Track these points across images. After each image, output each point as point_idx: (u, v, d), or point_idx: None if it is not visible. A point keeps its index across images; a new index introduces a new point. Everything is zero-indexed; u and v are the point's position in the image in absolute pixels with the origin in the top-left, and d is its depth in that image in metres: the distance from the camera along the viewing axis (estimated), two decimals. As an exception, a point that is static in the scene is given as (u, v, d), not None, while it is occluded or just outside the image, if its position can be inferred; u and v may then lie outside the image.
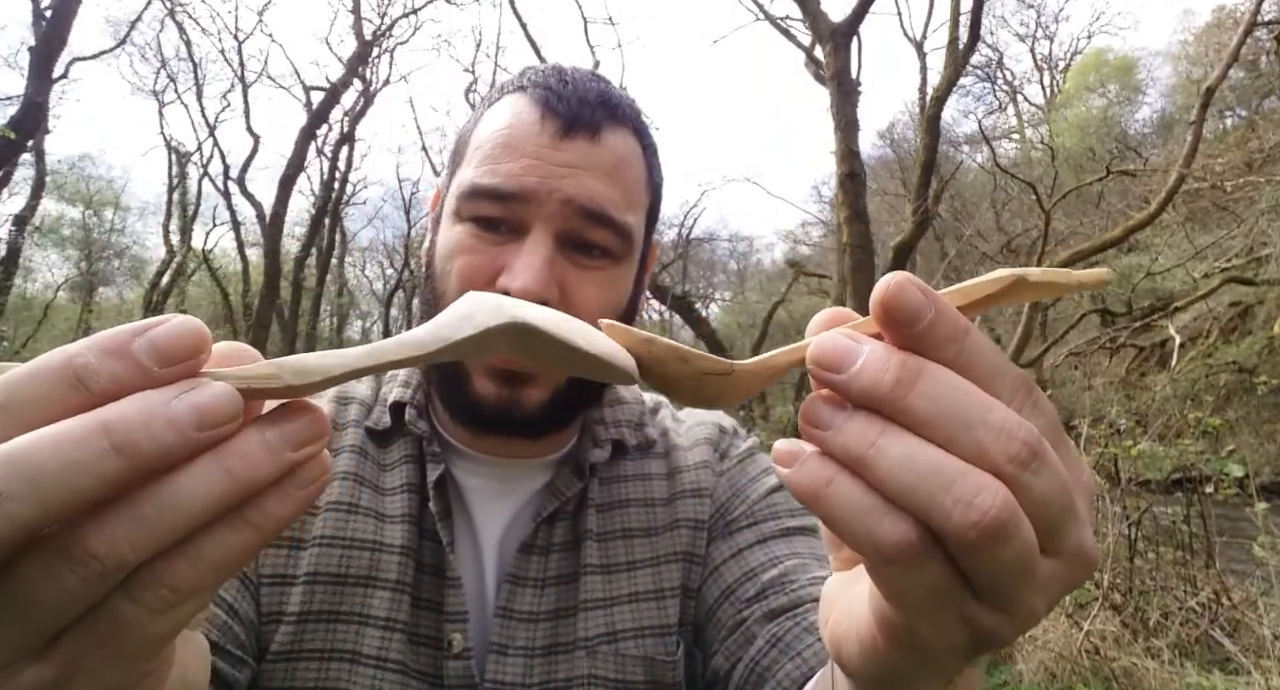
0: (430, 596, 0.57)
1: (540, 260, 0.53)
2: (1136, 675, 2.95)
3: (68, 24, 8.91)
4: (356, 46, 16.79)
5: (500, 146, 0.56)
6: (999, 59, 22.50)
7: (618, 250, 0.57)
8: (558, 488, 0.62)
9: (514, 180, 0.54)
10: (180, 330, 0.21)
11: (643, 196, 0.60)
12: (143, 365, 0.21)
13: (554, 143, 0.55)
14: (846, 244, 8.72)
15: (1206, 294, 13.11)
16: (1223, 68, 10.14)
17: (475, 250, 0.56)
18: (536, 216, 0.54)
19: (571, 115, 0.55)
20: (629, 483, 0.65)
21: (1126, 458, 4.01)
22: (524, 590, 0.58)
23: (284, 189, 14.98)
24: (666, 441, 0.70)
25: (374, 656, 0.54)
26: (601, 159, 0.56)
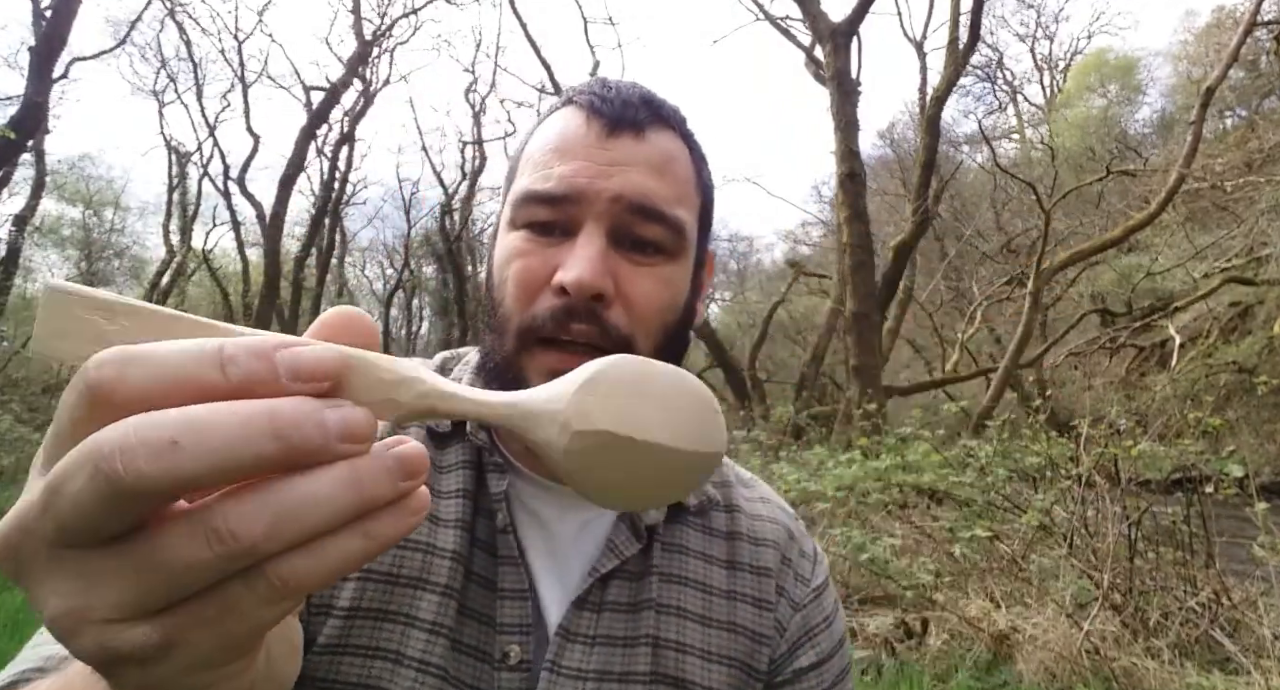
0: (478, 607, 0.57)
1: (594, 251, 0.54)
2: (1136, 675, 2.95)
3: (68, 24, 8.92)
4: (356, 46, 16.79)
5: (551, 152, 0.57)
6: (999, 59, 22.53)
7: (671, 245, 0.57)
8: (615, 545, 0.61)
9: (564, 182, 0.55)
10: (319, 357, 0.24)
11: (693, 196, 0.61)
12: (278, 374, 0.23)
13: (600, 141, 0.56)
14: (846, 244, 8.73)
15: (1206, 294, 13.11)
16: (1223, 68, 10.14)
17: (529, 253, 0.56)
18: (587, 215, 0.55)
19: (616, 114, 0.57)
20: (690, 558, 0.64)
21: (1126, 458, 4.01)
22: (574, 646, 0.58)
23: (284, 189, 14.99)
24: (732, 522, 0.68)
25: (417, 659, 0.54)
26: (648, 155, 0.57)
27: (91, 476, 0.21)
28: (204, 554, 0.21)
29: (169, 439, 0.21)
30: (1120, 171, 13.32)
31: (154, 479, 0.21)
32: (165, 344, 0.23)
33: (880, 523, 4.85)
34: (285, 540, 0.22)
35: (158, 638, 0.22)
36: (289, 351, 0.23)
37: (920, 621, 3.64)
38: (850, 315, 8.31)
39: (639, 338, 0.56)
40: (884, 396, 8.33)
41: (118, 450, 0.21)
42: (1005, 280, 14.82)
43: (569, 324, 0.53)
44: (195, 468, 0.21)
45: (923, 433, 5.40)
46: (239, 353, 0.23)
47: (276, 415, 0.22)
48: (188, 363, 0.22)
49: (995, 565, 4.03)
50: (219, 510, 0.22)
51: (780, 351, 19.50)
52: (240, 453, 0.21)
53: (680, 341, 0.61)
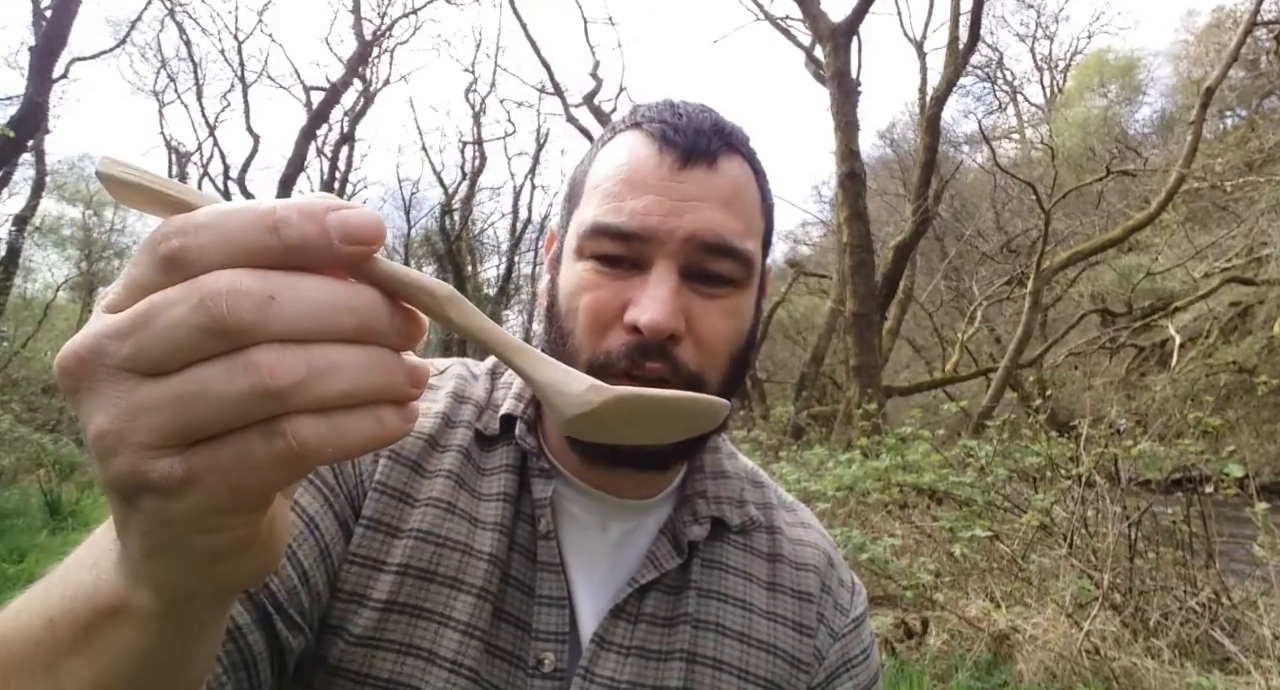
0: (515, 612, 0.58)
1: (667, 292, 0.54)
2: (1136, 675, 2.95)
3: (68, 24, 8.92)
4: (356, 46, 16.79)
5: (621, 183, 0.57)
6: (999, 59, 22.53)
7: (739, 278, 0.58)
8: (656, 557, 0.62)
9: (636, 219, 0.55)
10: (366, 219, 0.25)
11: (759, 222, 0.61)
12: (329, 235, 0.25)
13: (673, 174, 0.56)
14: (846, 244, 8.72)
15: (1206, 294, 13.11)
16: (1223, 68, 10.14)
17: (600, 286, 0.56)
18: (659, 253, 0.55)
19: (689, 146, 0.56)
20: (730, 575, 0.65)
21: (1126, 458, 4.01)
22: (608, 654, 0.58)
23: (284, 189, 14.98)
24: (774, 543, 0.69)
25: (449, 659, 0.54)
26: (720, 188, 0.57)
27: (195, 308, 0.23)
28: (240, 385, 0.23)
29: (269, 294, 0.24)
30: (1120, 171, 13.32)
31: (249, 323, 0.23)
32: (224, 208, 0.25)
33: (880, 523, 4.86)
34: (312, 396, 0.24)
35: (181, 471, 0.24)
36: (337, 214, 0.25)
37: (920, 621, 3.64)
38: (850, 315, 8.31)
39: (708, 372, 0.57)
40: (884, 396, 8.33)
41: (225, 292, 0.23)
42: (1005, 280, 14.82)
43: (643, 362, 0.54)
44: (284, 324, 0.24)
45: (923, 433, 5.39)
46: (291, 214, 0.24)
47: (358, 307, 0.25)
48: (247, 228, 0.24)
49: (995, 565, 4.03)
50: (263, 350, 0.24)
51: (780, 351, 19.50)
52: (323, 320, 0.24)
53: (745, 365, 0.61)
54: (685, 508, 0.65)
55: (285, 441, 0.24)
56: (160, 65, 19.35)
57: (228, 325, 0.23)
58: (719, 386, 0.58)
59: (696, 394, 0.33)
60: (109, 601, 0.30)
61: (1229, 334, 13.37)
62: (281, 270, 0.24)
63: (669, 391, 0.32)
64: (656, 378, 0.54)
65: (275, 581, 0.50)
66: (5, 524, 6.19)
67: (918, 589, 3.70)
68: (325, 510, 0.55)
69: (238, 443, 0.24)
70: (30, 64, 8.81)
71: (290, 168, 15.21)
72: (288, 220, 0.24)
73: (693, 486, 0.66)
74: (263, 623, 0.49)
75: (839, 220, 9.07)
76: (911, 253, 10.90)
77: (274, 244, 0.24)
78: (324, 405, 0.24)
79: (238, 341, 0.23)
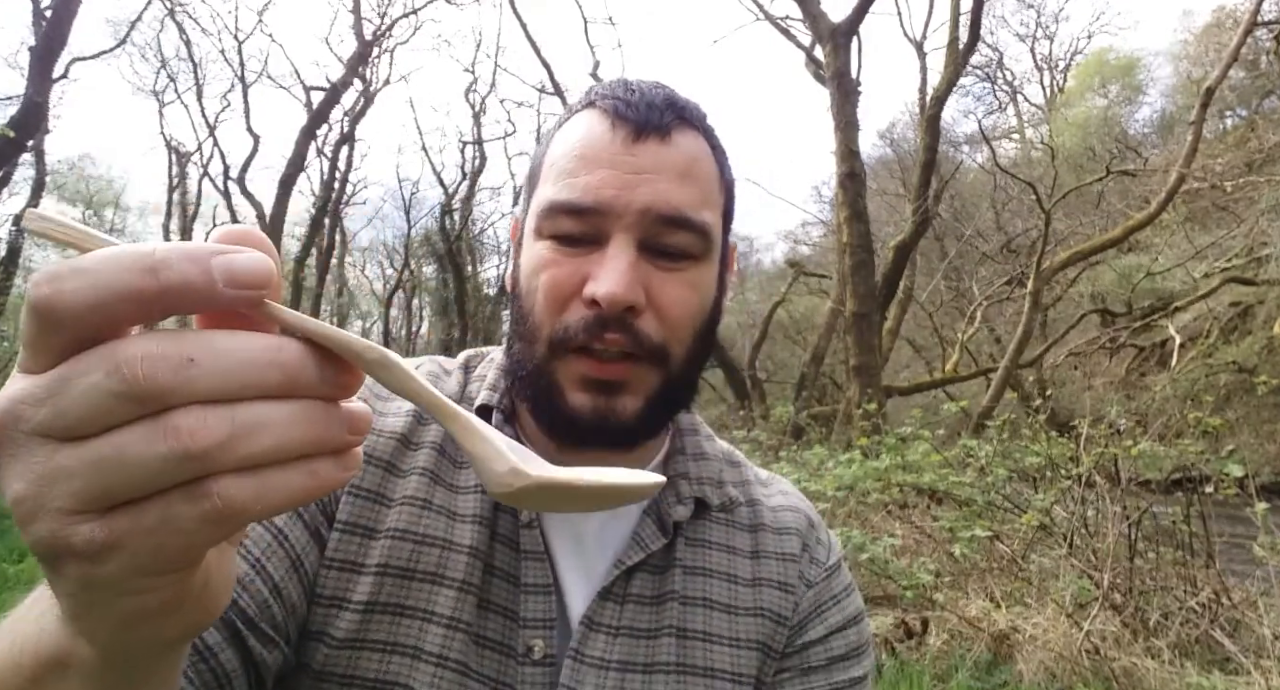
0: (501, 602, 0.58)
1: (625, 264, 0.54)
2: (1136, 675, 2.95)
3: (67, 24, 8.92)
4: (356, 46, 16.78)
5: (575, 159, 0.57)
6: (999, 59, 22.51)
7: (698, 250, 0.58)
8: (642, 538, 0.62)
9: (591, 194, 0.55)
10: (253, 261, 0.25)
11: (717, 195, 0.61)
12: (212, 278, 0.24)
13: (626, 148, 0.56)
14: (846, 244, 8.72)
15: (1206, 294, 13.11)
16: (1223, 68, 10.14)
17: (558, 263, 0.56)
18: (616, 227, 0.55)
19: (641, 120, 0.56)
20: (714, 550, 0.65)
21: (1126, 458, 4.01)
22: (597, 635, 0.58)
23: (284, 189, 14.99)
24: (754, 514, 0.70)
25: (435, 654, 0.54)
26: (674, 160, 0.57)
27: (109, 374, 0.23)
28: (159, 449, 0.23)
29: (187, 356, 0.23)
30: (1120, 171, 13.32)
31: (167, 387, 0.23)
32: (105, 252, 0.23)
33: (880, 523, 4.85)
34: (236, 455, 0.24)
35: (102, 536, 0.23)
36: (224, 257, 0.24)
37: (920, 621, 3.64)
38: (850, 315, 8.31)
39: (671, 344, 0.57)
40: (884, 396, 8.33)
41: (140, 357, 0.23)
42: (1005, 280, 14.82)
43: (602, 334, 0.54)
44: (205, 385, 0.23)
45: (923, 433, 5.39)
46: (171, 255, 0.23)
47: (283, 362, 0.25)
48: (122, 271, 0.23)
49: (995, 565, 4.03)
50: (183, 414, 0.23)
51: (780, 351, 19.50)
52: (245, 378, 0.24)
53: (709, 340, 0.61)
54: (669, 489, 0.65)
55: (211, 503, 0.24)
56: (160, 65, 19.37)
57: (144, 391, 0.23)
58: (684, 360, 0.58)
59: (620, 480, 0.32)
60: (52, 654, 0.30)
61: (1229, 334, 13.37)
62: (196, 330, 0.24)
63: (591, 479, 0.31)
64: (617, 350, 0.54)
65: (245, 597, 0.50)
66: (5, 524, 6.19)
67: (918, 589, 3.70)
68: (294, 520, 0.54)
69: (161, 505, 0.24)
70: (30, 64, 8.80)
71: (290, 168, 15.21)
72: (167, 262, 0.23)
73: (675, 468, 0.67)
74: (234, 640, 0.49)
75: (839, 220, 9.07)
76: (911, 253, 10.90)
77: (151, 286, 0.23)
78: (251, 463, 0.24)
79: (157, 405, 0.23)
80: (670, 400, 0.60)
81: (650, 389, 0.57)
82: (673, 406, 0.62)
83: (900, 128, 20.76)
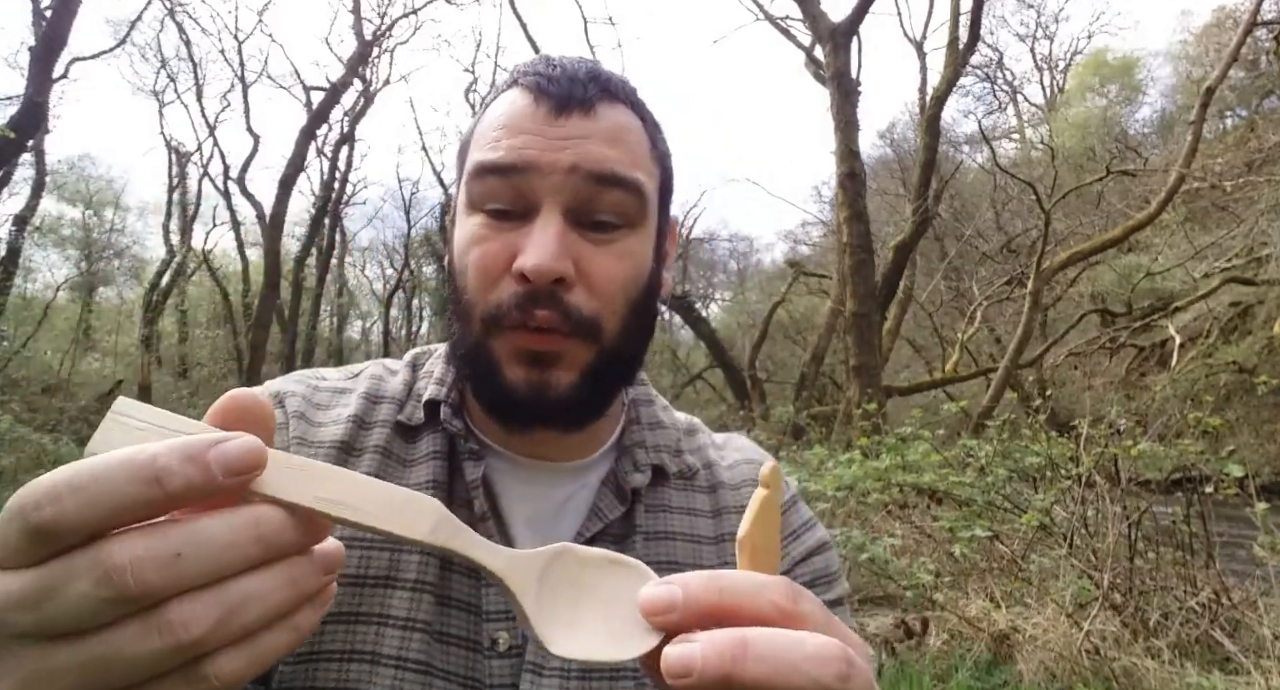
0: (462, 597, 0.57)
1: (551, 236, 0.53)
2: (1136, 675, 2.95)
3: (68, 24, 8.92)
4: (356, 46, 16.78)
5: (499, 129, 0.56)
6: (999, 59, 22.52)
7: (632, 211, 0.56)
8: (600, 509, 0.61)
9: (514, 152, 0.54)
10: (246, 448, 0.26)
11: (650, 165, 0.59)
12: (213, 473, 0.25)
13: (549, 120, 0.55)
14: (846, 244, 8.72)
15: (1206, 294, 13.11)
16: (1223, 68, 10.14)
17: (489, 239, 0.55)
18: (543, 192, 0.54)
19: (564, 94, 0.55)
20: (674, 514, 0.65)
21: (1126, 458, 4.01)
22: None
23: (284, 189, 14.98)
24: (712, 476, 0.69)
25: (393, 657, 0.53)
26: (601, 129, 0.56)
27: (98, 583, 0.23)
28: (154, 644, 0.24)
29: (174, 552, 0.24)
30: (1120, 171, 13.32)
31: (158, 587, 0.24)
32: (98, 466, 0.24)
33: (880, 523, 4.86)
34: (229, 634, 0.25)
35: None
36: (218, 450, 0.25)
37: (920, 621, 3.64)
38: (850, 315, 8.31)
39: (604, 317, 0.55)
40: (884, 396, 8.33)
41: (129, 563, 0.23)
42: (1005, 280, 14.82)
43: (532, 310, 0.53)
44: (195, 573, 0.24)
45: (923, 433, 5.39)
46: (173, 462, 0.24)
47: (263, 535, 0.26)
48: (125, 485, 0.24)
49: (995, 565, 4.03)
50: (173, 606, 0.24)
51: (780, 351, 19.50)
52: (229, 560, 0.25)
53: (647, 313, 0.60)
54: (626, 458, 0.65)
55: (209, 684, 0.25)
56: (160, 65, 19.36)
57: (134, 595, 0.23)
58: (618, 333, 0.57)
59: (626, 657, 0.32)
60: None
61: (1229, 334, 13.37)
62: (179, 521, 0.25)
63: (605, 657, 0.32)
64: (548, 326, 0.53)
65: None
66: (5, 524, 6.18)
67: (918, 589, 3.70)
68: None
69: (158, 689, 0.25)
70: (30, 64, 8.80)
71: (290, 168, 15.20)
72: (169, 470, 0.24)
73: (631, 437, 0.66)
74: None
75: (839, 220, 9.08)
76: (911, 253, 10.91)
77: (157, 495, 0.24)
78: (242, 636, 0.25)
79: (147, 603, 0.24)
80: (607, 374, 0.58)
81: (583, 363, 0.56)
82: (610, 380, 0.60)
83: (900, 128, 20.78)
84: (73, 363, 15.17)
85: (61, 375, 14.17)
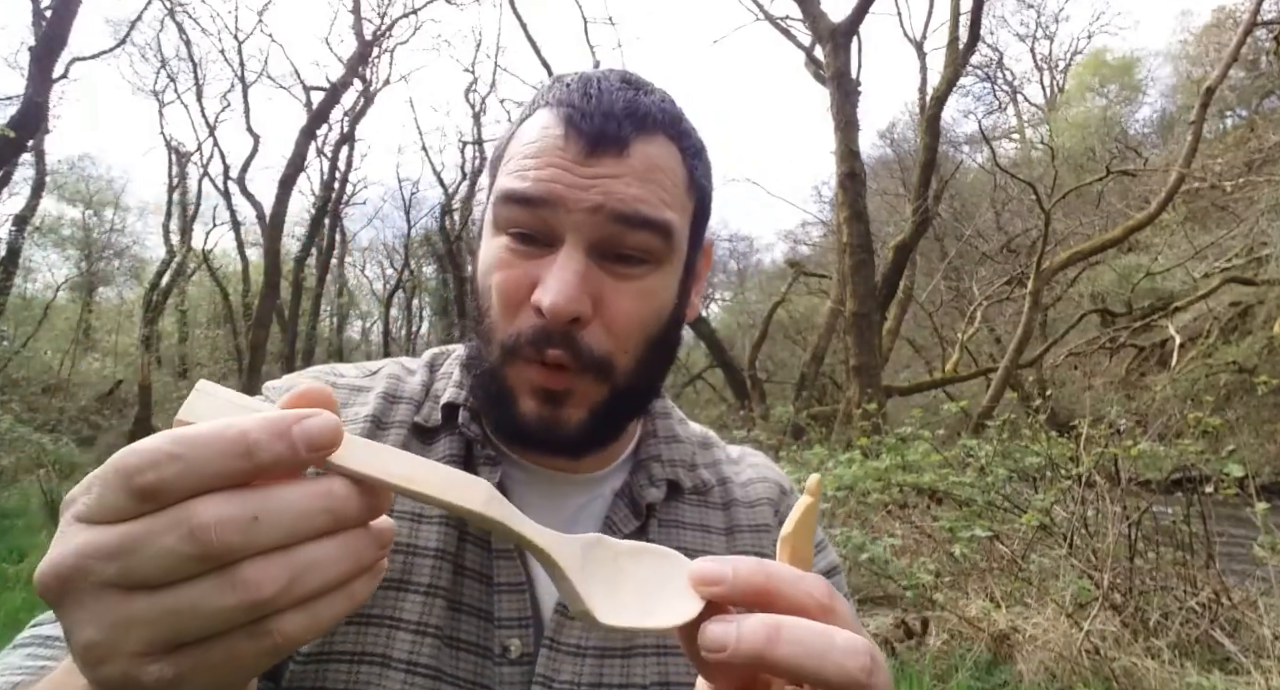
0: (474, 602, 0.57)
1: (571, 274, 0.52)
2: (1136, 675, 2.95)
3: (67, 24, 8.92)
4: (356, 46, 16.77)
5: (528, 157, 0.55)
6: (999, 59, 22.50)
7: (657, 251, 0.55)
8: (613, 521, 0.61)
9: (541, 185, 0.53)
10: (326, 426, 0.28)
11: (684, 199, 0.58)
12: (298, 449, 0.27)
13: (580, 159, 0.54)
14: (846, 244, 8.72)
15: (1206, 294, 13.11)
16: (1223, 68, 10.14)
17: (511, 264, 0.55)
18: (567, 226, 0.53)
19: (596, 133, 0.54)
20: (687, 530, 0.65)
21: (1126, 458, 4.01)
22: (572, 623, 0.57)
23: (284, 189, 14.98)
24: (726, 492, 0.69)
25: (404, 661, 0.53)
26: (632, 167, 0.54)
27: (183, 539, 0.25)
28: (229, 601, 0.26)
29: (252, 516, 0.26)
30: (1120, 171, 13.31)
31: (237, 547, 0.26)
32: (194, 436, 0.26)
33: (880, 523, 4.86)
34: (294, 596, 0.27)
35: (171, 674, 0.26)
36: (301, 427, 0.27)
37: (920, 621, 3.64)
38: (850, 315, 8.31)
39: (618, 356, 0.55)
40: (884, 396, 8.33)
41: (213, 523, 0.25)
42: (1005, 280, 14.81)
43: (545, 347, 0.53)
44: (268, 538, 0.26)
45: (923, 433, 5.39)
46: (263, 437, 0.27)
47: (332, 507, 0.28)
48: (220, 457, 0.26)
49: (995, 565, 4.03)
50: (246, 565, 0.26)
51: (780, 351, 19.50)
52: (301, 528, 0.27)
53: (665, 348, 0.59)
54: (641, 472, 0.65)
55: (271, 640, 0.27)
56: (160, 65, 19.36)
57: (215, 552, 0.25)
58: (633, 369, 0.56)
59: (672, 624, 0.34)
60: None
61: (1229, 334, 13.37)
62: (260, 488, 0.27)
63: (649, 625, 0.34)
64: (556, 364, 0.53)
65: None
66: (5, 524, 6.20)
67: (918, 589, 3.70)
68: None
69: (226, 644, 0.26)
70: (30, 64, 8.80)
71: (290, 168, 15.19)
72: (259, 444, 0.26)
73: (647, 451, 0.66)
74: None
75: (839, 220, 9.07)
76: (911, 253, 10.91)
77: (248, 467, 0.26)
78: (306, 599, 0.27)
79: (224, 561, 0.26)
80: (617, 412, 0.59)
81: (594, 401, 0.56)
82: (622, 416, 0.60)
83: (900, 128, 20.77)
84: (73, 363, 15.17)
85: (61, 375, 14.18)
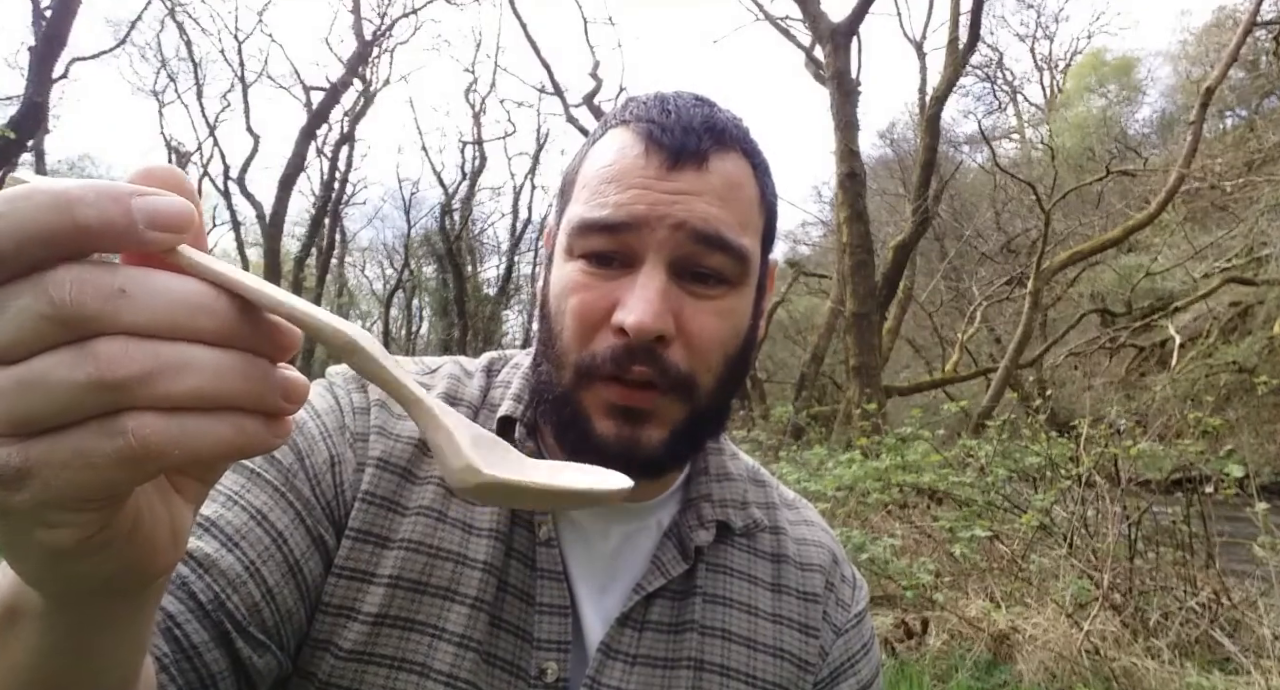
0: (514, 620, 0.56)
1: (654, 293, 0.52)
2: (1136, 675, 2.95)
3: (67, 24, 8.91)
4: (356, 46, 16.78)
5: (606, 182, 0.55)
6: (999, 59, 22.48)
7: (734, 275, 0.56)
8: (662, 562, 0.61)
9: (623, 210, 0.53)
10: (175, 204, 0.24)
11: (756, 218, 0.59)
12: (133, 218, 0.23)
13: (661, 175, 0.54)
14: (846, 244, 8.72)
15: (1206, 294, 13.11)
16: (1222, 68, 10.13)
17: (589, 287, 0.55)
18: (648, 246, 0.53)
19: (677, 146, 0.54)
20: (735, 579, 0.64)
21: (1126, 458, 4.01)
22: (615, 663, 0.57)
23: (284, 189, 14.98)
24: (778, 543, 0.68)
25: (445, 673, 0.53)
26: (711, 184, 0.54)
27: (37, 298, 0.22)
28: (78, 375, 0.22)
29: (118, 287, 0.23)
30: (1120, 171, 13.32)
31: (93, 313, 0.22)
32: (18, 191, 0.23)
33: (880, 523, 4.86)
34: (156, 392, 0.23)
35: (18, 461, 0.23)
36: (144, 199, 0.23)
37: (920, 621, 3.64)
38: (850, 315, 8.32)
39: (699, 373, 0.55)
40: (884, 396, 8.33)
41: (70, 282, 0.22)
42: (1005, 280, 14.81)
43: (629, 365, 0.52)
44: (133, 318, 0.23)
45: (923, 433, 5.39)
46: (89, 194, 0.23)
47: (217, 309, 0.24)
48: (38, 209, 0.22)
49: (995, 565, 4.03)
50: (107, 341, 0.23)
51: (780, 351, 19.49)
52: (175, 318, 0.23)
53: (741, 368, 0.59)
54: (691, 511, 0.64)
55: (125, 440, 0.23)
56: (160, 65, 19.37)
57: (71, 315, 0.22)
58: (713, 389, 0.56)
59: (578, 485, 0.32)
60: (5, 602, 0.30)
61: (1229, 334, 13.37)
62: (131, 266, 0.24)
63: (545, 482, 0.31)
64: (643, 380, 0.53)
65: (234, 599, 0.48)
66: (5, 524, 6.18)
67: (918, 589, 3.70)
68: (296, 525, 0.53)
69: (76, 437, 0.23)
70: (30, 64, 8.80)
71: (290, 168, 15.20)
72: (84, 200, 0.23)
73: (698, 489, 0.65)
74: (221, 641, 0.47)
75: (839, 220, 9.07)
76: (911, 253, 10.90)
77: (66, 224, 0.22)
78: (171, 403, 0.23)
79: (82, 332, 0.23)
80: (696, 432, 0.58)
81: (675, 420, 0.56)
82: (699, 438, 0.60)
83: (900, 128, 20.74)
84: (73, 363, 15.15)
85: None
